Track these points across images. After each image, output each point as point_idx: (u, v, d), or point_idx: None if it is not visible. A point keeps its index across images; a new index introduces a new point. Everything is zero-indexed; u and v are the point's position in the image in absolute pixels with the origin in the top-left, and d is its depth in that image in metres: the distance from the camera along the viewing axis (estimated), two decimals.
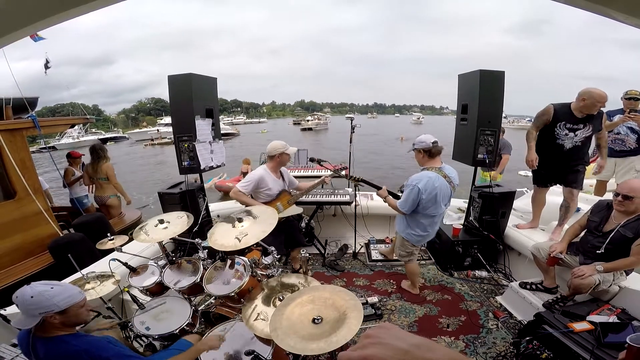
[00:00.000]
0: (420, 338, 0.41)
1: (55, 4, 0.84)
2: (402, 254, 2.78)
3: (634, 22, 0.73)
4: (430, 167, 2.45)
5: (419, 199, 2.38)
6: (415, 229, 2.57)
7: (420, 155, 2.49)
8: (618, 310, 1.95)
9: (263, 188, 2.75)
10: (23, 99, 3.53)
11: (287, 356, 1.62)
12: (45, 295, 1.23)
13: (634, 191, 1.99)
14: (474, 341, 2.32)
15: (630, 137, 3.47)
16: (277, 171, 2.88)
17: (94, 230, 3.30)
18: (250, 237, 1.69)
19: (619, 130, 3.53)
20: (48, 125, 3.78)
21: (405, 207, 2.45)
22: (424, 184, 2.36)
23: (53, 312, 1.23)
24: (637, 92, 3.26)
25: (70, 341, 1.27)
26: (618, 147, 3.59)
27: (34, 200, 3.16)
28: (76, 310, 1.32)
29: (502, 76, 2.84)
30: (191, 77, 2.86)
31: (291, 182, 3.03)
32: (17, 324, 1.24)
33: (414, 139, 2.56)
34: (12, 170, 3.03)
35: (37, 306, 1.21)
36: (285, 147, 2.78)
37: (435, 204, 2.43)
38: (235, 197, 2.74)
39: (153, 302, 1.80)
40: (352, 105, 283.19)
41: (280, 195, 2.83)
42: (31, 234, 3.20)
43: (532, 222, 3.17)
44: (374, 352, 0.39)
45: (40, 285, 1.26)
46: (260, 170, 2.82)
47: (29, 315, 1.22)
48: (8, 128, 3.07)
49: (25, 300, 1.21)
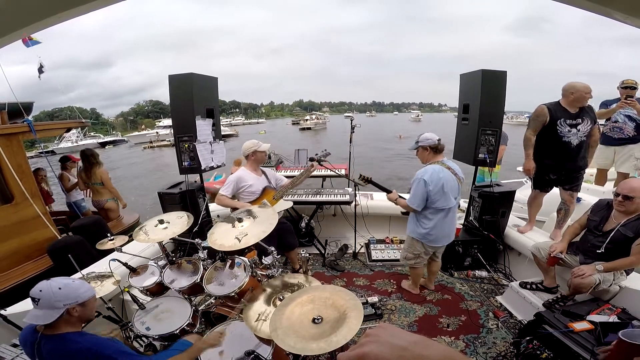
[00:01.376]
0: (418, 336, 0.41)
1: (55, 4, 0.84)
2: (408, 256, 2.72)
3: (633, 22, 0.73)
4: (433, 161, 2.48)
5: (426, 191, 2.39)
6: (426, 227, 2.53)
7: (426, 152, 2.50)
8: (618, 310, 1.94)
9: (244, 186, 2.76)
10: (18, 103, 3.54)
11: (287, 356, 1.62)
12: (72, 286, 1.28)
13: (634, 191, 1.99)
14: (474, 341, 2.32)
15: (629, 125, 3.47)
16: (257, 170, 2.89)
17: (92, 233, 3.29)
18: (250, 237, 1.69)
19: (616, 119, 3.53)
20: (44, 130, 3.79)
21: (415, 203, 2.45)
22: (429, 175, 2.38)
23: (77, 303, 1.28)
24: (633, 81, 3.27)
25: (75, 339, 1.29)
26: (617, 135, 3.58)
27: (31, 205, 3.17)
28: (92, 304, 1.37)
29: (504, 76, 2.84)
30: (192, 77, 2.86)
31: (277, 180, 3.03)
32: (34, 320, 1.25)
33: (413, 137, 2.58)
34: (9, 174, 3.05)
35: (65, 298, 1.25)
36: (257, 145, 2.81)
37: (443, 195, 2.42)
38: (220, 203, 2.77)
39: (149, 304, 1.79)
40: (351, 104, 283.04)
41: (264, 192, 2.84)
42: (29, 238, 3.22)
43: (529, 225, 3.15)
44: (371, 349, 0.40)
45: (62, 279, 1.30)
46: (238, 171, 2.85)
47: (52, 307, 1.23)
48: (4, 133, 3.08)
49: (53, 293, 1.23)
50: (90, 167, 4.24)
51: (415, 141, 2.56)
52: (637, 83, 3.27)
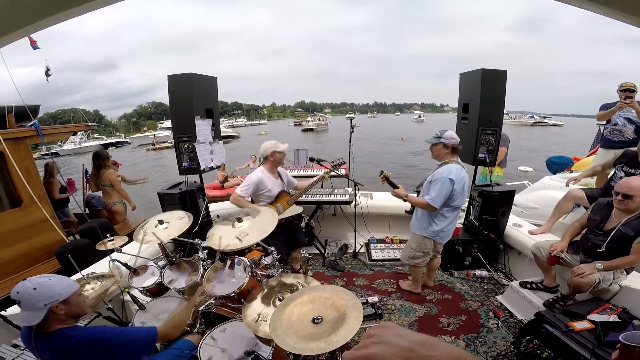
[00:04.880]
0: (422, 335, 0.40)
1: (55, 4, 0.84)
2: (416, 255, 2.67)
3: (632, 21, 0.73)
4: (450, 160, 2.46)
5: (452, 190, 2.37)
6: (441, 224, 2.52)
7: (445, 150, 2.46)
8: (619, 309, 1.94)
9: (263, 190, 2.74)
10: (25, 106, 3.56)
11: (287, 356, 1.62)
12: (46, 285, 1.25)
13: (634, 190, 1.98)
14: (475, 340, 2.32)
15: (628, 128, 3.47)
16: (275, 171, 2.87)
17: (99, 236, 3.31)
18: (251, 236, 1.69)
19: (616, 121, 3.53)
20: (51, 134, 3.85)
21: (439, 202, 2.39)
22: (455, 175, 2.35)
23: (57, 301, 1.25)
24: (632, 84, 3.28)
25: (70, 333, 1.29)
26: (616, 138, 3.58)
27: (39, 208, 3.20)
28: (77, 300, 1.34)
29: (504, 75, 2.83)
30: (191, 77, 2.85)
31: (290, 182, 3.02)
32: (22, 322, 1.24)
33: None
34: (17, 178, 3.07)
35: (42, 297, 1.22)
36: (275, 145, 2.78)
37: (462, 194, 2.45)
38: (236, 202, 2.72)
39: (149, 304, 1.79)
40: (353, 104, 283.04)
41: (279, 196, 2.83)
42: (37, 241, 3.25)
43: (545, 227, 3.05)
44: (376, 351, 0.39)
45: (37, 277, 1.27)
46: (258, 172, 2.80)
47: (35, 309, 1.22)
48: (12, 137, 3.11)
49: (28, 294, 1.21)
50: (98, 169, 4.30)
51: (437, 135, 2.47)
52: (636, 86, 3.28)
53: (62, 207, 4.44)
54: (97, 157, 4.37)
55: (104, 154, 4.49)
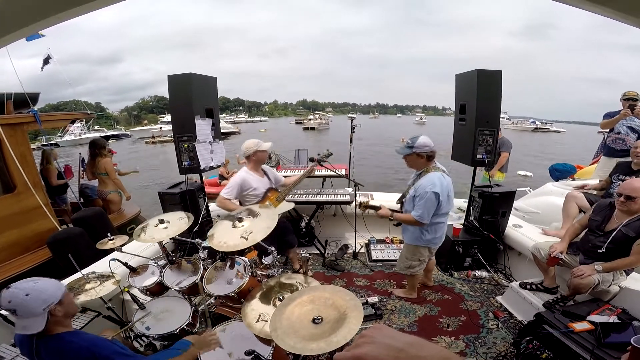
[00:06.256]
0: (413, 337, 0.41)
1: (55, 4, 0.84)
2: (413, 265, 2.59)
3: (633, 21, 0.73)
4: (429, 168, 2.35)
5: (438, 203, 2.27)
6: (433, 232, 2.46)
7: (420, 159, 2.33)
8: (618, 310, 1.94)
9: (248, 190, 2.73)
10: (25, 94, 3.54)
11: (287, 356, 1.62)
12: (38, 289, 1.21)
13: (636, 191, 1.98)
14: (474, 341, 2.32)
15: (631, 137, 3.48)
16: (259, 170, 2.85)
17: (93, 225, 3.28)
18: (255, 234, 1.68)
19: (619, 130, 3.54)
20: (49, 120, 3.79)
21: (427, 218, 2.29)
22: (439, 186, 2.24)
23: (54, 303, 1.23)
24: (635, 93, 3.29)
25: (71, 339, 1.27)
26: (619, 147, 3.59)
27: (33, 195, 3.13)
28: (69, 298, 1.33)
29: (500, 75, 2.83)
30: (191, 77, 2.85)
31: (277, 179, 3.01)
32: (25, 330, 1.20)
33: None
34: (12, 164, 3.02)
35: (38, 302, 1.19)
36: (258, 144, 2.77)
37: (448, 201, 2.37)
38: (221, 205, 2.71)
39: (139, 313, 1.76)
40: (354, 105, 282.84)
41: (267, 194, 2.82)
42: (30, 229, 3.18)
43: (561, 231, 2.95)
44: (367, 351, 0.40)
45: (22, 283, 1.23)
46: (241, 173, 2.80)
47: (35, 315, 1.18)
48: (9, 122, 3.08)
49: (23, 301, 1.16)
50: (94, 157, 4.29)
51: (408, 145, 2.30)
52: (639, 94, 3.30)
53: (61, 194, 4.44)
54: (93, 145, 4.35)
55: (101, 143, 4.47)
